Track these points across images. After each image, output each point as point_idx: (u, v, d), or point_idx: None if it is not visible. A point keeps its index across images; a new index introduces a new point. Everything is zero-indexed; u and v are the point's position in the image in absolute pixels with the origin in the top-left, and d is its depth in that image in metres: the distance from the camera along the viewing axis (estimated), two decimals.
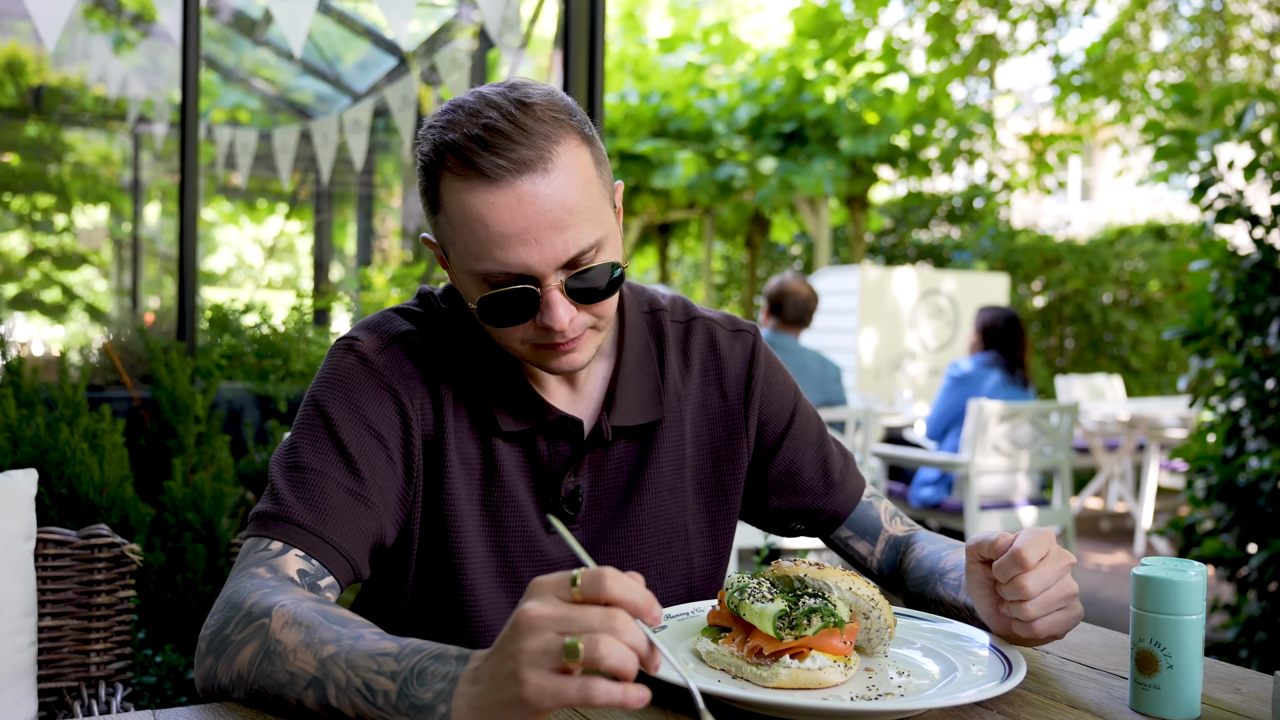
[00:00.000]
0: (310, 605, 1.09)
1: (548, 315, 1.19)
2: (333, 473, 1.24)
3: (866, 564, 1.51)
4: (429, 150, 1.20)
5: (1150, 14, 12.52)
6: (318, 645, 1.03)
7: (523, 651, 0.86)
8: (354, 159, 5.68)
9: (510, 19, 4.01)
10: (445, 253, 1.26)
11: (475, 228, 1.17)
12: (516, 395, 1.33)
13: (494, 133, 1.15)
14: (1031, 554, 1.13)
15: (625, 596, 0.87)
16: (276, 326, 3.62)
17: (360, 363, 1.30)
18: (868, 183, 10.98)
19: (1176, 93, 3.91)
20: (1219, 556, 3.60)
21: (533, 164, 1.15)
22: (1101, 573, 6.38)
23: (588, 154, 1.22)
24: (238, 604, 1.12)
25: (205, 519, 2.78)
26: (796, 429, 1.49)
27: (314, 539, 1.21)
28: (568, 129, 1.19)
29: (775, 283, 4.85)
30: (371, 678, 0.98)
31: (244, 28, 6.62)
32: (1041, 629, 1.16)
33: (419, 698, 0.94)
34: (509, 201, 1.15)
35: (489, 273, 1.18)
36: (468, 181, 1.16)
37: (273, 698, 1.05)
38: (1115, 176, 12.93)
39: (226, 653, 1.09)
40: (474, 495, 1.32)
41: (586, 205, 1.19)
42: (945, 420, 5.31)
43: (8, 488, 1.60)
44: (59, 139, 7.64)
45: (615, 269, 1.23)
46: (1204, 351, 3.78)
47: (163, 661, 2.64)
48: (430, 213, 1.24)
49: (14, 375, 2.72)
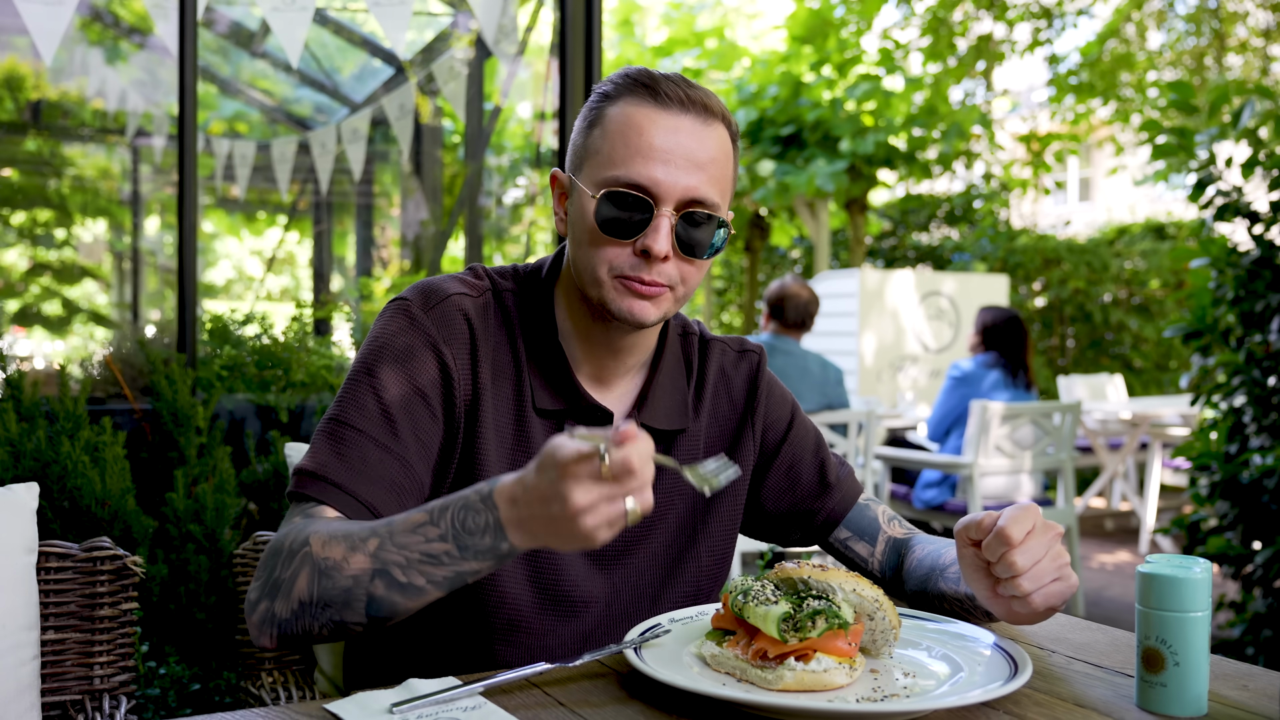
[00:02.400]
0: (338, 521, 1.19)
1: (651, 236, 1.27)
2: (373, 431, 1.28)
3: (868, 566, 1.52)
4: (619, 82, 1.33)
5: (1146, 13, 12.53)
6: (362, 545, 1.13)
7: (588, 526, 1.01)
8: (352, 169, 5.69)
9: (506, 27, 4.01)
10: (578, 172, 1.34)
11: (629, 134, 1.29)
12: (556, 375, 1.38)
13: (681, 81, 1.32)
14: (1016, 530, 1.14)
15: (644, 468, 1.01)
16: (277, 337, 3.62)
17: (409, 320, 1.34)
18: (866, 185, 10.98)
19: (1173, 91, 3.91)
20: (1224, 554, 3.59)
21: (699, 109, 1.31)
22: (1106, 572, 6.37)
23: (733, 149, 1.36)
24: (277, 549, 1.20)
25: (208, 530, 2.77)
26: (795, 435, 1.55)
27: (346, 497, 1.25)
28: (727, 120, 1.35)
29: (775, 286, 4.85)
30: (425, 547, 1.11)
31: (241, 39, 6.63)
32: (1039, 602, 1.16)
33: (479, 544, 1.09)
34: (669, 124, 1.29)
35: (619, 179, 1.28)
36: (641, 99, 1.30)
37: (342, 605, 1.14)
38: (1109, 174, 12.93)
39: (281, 590, 1.17)
40: (503, 465, 1.35)
41: (720, 173, 1.32)
42: (947, 422, 5.31)
43: (9, 501, 1.60)
44: (58, 153, 7.64)
45: (721, 227, 1.33)
46: (1205, 349, 3.77)
47: (166, 673, 2.63)
48: (585, 130, 1.35)
49: (15, 389, 2.72)
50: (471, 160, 6.12)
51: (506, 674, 1.13)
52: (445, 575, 1.11)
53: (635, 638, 1.20)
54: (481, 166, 5.60)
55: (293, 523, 1.24)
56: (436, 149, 6.60)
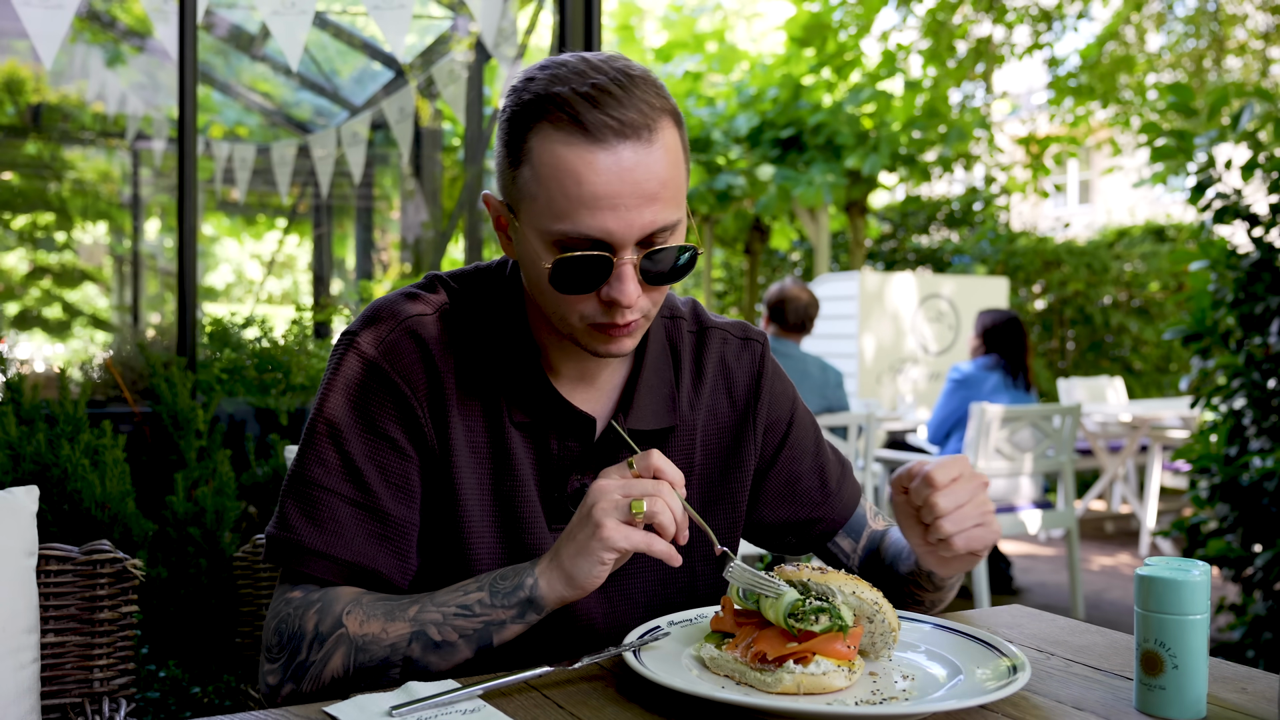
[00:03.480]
0: (369, 597, 1.22)
1: (617, 288, 1.16)
2: (340, 489, 1.25)
3: (849, 561, 1.51)
4: (528, 100, 1.16)
5: (1145, 15, 12.54)
6: (401, 614, 1.18)
7: (599, 507, 1.13)
8: (352, 172, 5.69)
9: (506, 30, 4.02)
10: (515, 210, 1.21)
11: (566, 184, 1.13)
12: (530, 385, 1.30)
13: (603, 93, 1.13)
14: (942, 475, 1.17)
15: (666, 468, 1.16)
16: (277, 340, 3.62)
17: (358, 358, 1.28)
18: (866, 189, 10.98)
19: (1173, 93, 3.91)
20: (1224, 557, 3.59)
21: (638, 131, 1.13)
22: (1106, 574, 6.36)
23: (679, 136, 1.20)
24: (299, 632, 1.21)
25: (208, 533, 2.77)
26: (794, 438, 1.48)
27: (330, 563, 1.24)
28: (666, 106, 1.18)
29: (775, 289, 4.85)
30: (461, 599, 1.17)
31: (241, 43, 6.63)
32: (960, 545, 1.18)
33: (508, 585, 1.17)
34: (608, 164, 1.12)
35: (566, 234, 1.14)
36: (568, 136, 1.12)
37: (378, 675, 1.18)
38: (1105, 174, 12.93)
39: (310, 672, 1.19)
40: (484, 483, 1.30)
41: (674, 184, 1.17)
42: (947, 424, 5.31)
43: (9, 504, 1.60)
44: (58, 156, 7.65)
45: (685, 252, 1.21)
46: (1205, 351, 3.77)
47: (166, 676, 2.63)
48: (509, 166, 1.19)
49: (14, 392, 2.72)
50: (471, 163, 6.12)
51: (505, 677, 1.12)
52: (475, 627, 1.15)
53: (634, 640, 1.19)
54: (481, 169, 5.60)
55: (296, 600, 1.23)
56: (436, 152, 6.61)
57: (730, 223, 12.54)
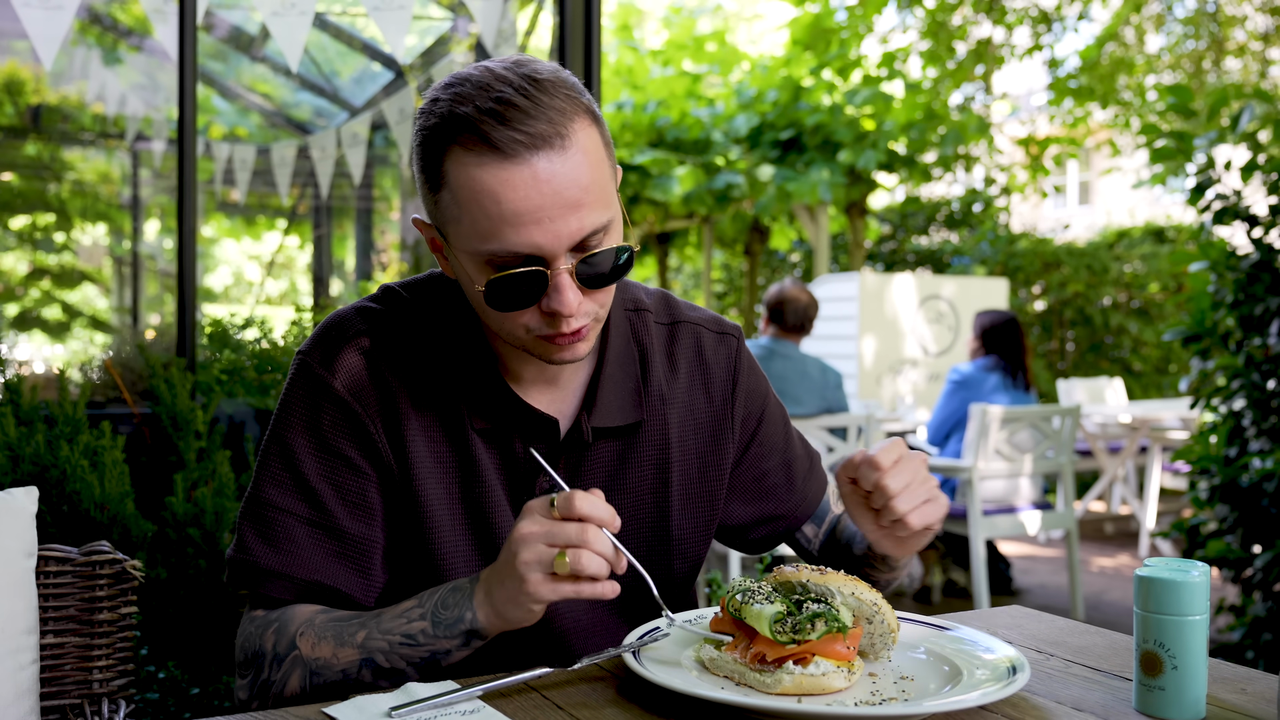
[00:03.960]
0: (322, 618, 1.22)
1: (556, 300, 1.15)
2: (295, 509, 1.26)
3: (810, 546, 1.51)
4: (435, 124, 1.14)
5: (1144, 17, 12.54)
6: (349, 639, 1.17)
7: (521, 561, 1.09)
8: (352, 173, 5.69)
9: (506, 31, 4.02)
10: (443, 234, 1.20)
11: (486, 205, 1.11)
12: (489, 391, 1.29)
13: (508, 106, 1.10)
14: (885, 458, 1.18)
15: (592, 512, 1.09)
16: (276, 341, 3.62)
17: (309, 378, 1.28)
18: (866, 189, 10.98)
19: (1172, 94, 3.91)
20: (1223, 557, 3.59)
21: (549, 140, 1.11)
22: (1106, 576, 6.36)
23: (597, 133, 1.17)
24: (260, 652, 1.22)
25: (207, 534, 2.77)
26: (763, 434, 1.47)
27: (288, 582, 1.25)
28: (579, 106, 1.15)
29: (774, 290, 4.86)
30: (405, 628, 1.15)
31: (241, 44, 6.63)
32: (915, 521, 1.20)
33: (450, 616, 1.15)
34: (524, 179, 1.10)
35: (495, 253, 1.13)
36: (479, 157, 1.10)
37: (331, 691, 1.19)
38: (1104, 174, 12.94)
39: (272, 690, 1.20)
40: (452, 493, 1.29)
41: (598, 185, 1.15)
42: (947, 425, 5.31)
43: (8, 505, 1.60)
44: (58, 157, 7.65)
45: (623, 253, 1.19)
46: (1204, 353, 3.77)
47: (165, 677, 2.63)
48: (429, 191, 1.18)
49: (14, 393, 2.72)
50: None
51: (505, 678, 1.13)
52: (421, 656, 1.14)
53: (634, 641, 1.19)
54: None
55: (258, 619, 1.25)
56: None
57: (729, 224, 12.54)
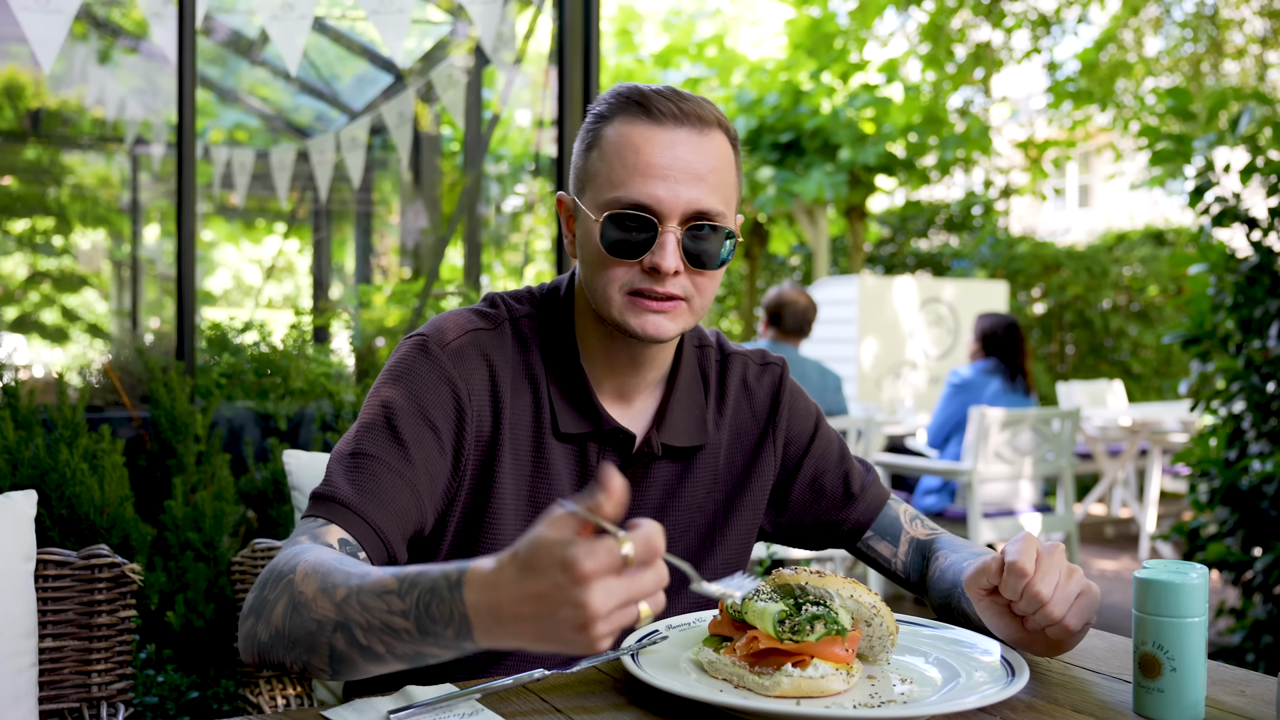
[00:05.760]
0: (329, 554, 1.15)
1: (658, 254, 1.29)
2: (386, 458, 1.29)
3: (891, 566, 1.53)
4: (610, 98, 1.35)
5: (1143, 20, 12.55)
6: (331, 590, 1.08)
7: (593, 609, 0.88)
8: (352, 177, 5.69)
9: (505, 35, 4.02)
10: (581, 195, 1.36)
11: (626, 154, 1.30)
12: (578, 399, 1.40)
13: (671, 92, 1.33)
14: (1027, 560, 1.14)
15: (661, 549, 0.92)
16: (276, 345, 3.62)
17: (424, 356, 1.36)
18: (866, 192, 10.99)
19: (1171, 97, 3.91)
20: (1223, 560, 3.59)
21: (694, 121, 1.31)
22: (1106, 578, 6.36)
23: (732, 151, 1.37)
24: (275, 567, 1.17)
25: (206, 538, 2.77)
26: (818, 447, 1.56)
27: (354, 517, 1.25)
28: (725, 124, 1.36)
29: (773, 293, 4.86)
30: (387, 618, 1.02)
31: (240, 48, 6.64)
32: (1073, 622, 1.16)
33: (441, 633, 0.98)
34: (664, 140, 1.30)
35: (619, 200, 1.29)
36: (634, 119, 1.31)
37: (307, 649, 1.08)
38: (1107, 180, 12.96)
39: (264, 612, 1.14)
40: (522, 492, 1.37)
41: (722, 180, 1.33)
42: (947, 428, 5.30)
43: (7, 509, 1.60)
44: (57, 161, 7.65)
45: (729, 239, 1.33)
46: (1204, 355, 3.77)
47: (164, 681, 2.63)
48: (583, 154, 1.36)
49: (12, 397, 2.72)
50: (470, 168, 6.13)
51: (504, 680, 1.12)
52: (405, 651, 1.04)
53: (633, 644, 1.19)
54: (480, 174, 5.61)
55: (296, 542, 1.23)
56: (435, 157, 6.61)
57: None
